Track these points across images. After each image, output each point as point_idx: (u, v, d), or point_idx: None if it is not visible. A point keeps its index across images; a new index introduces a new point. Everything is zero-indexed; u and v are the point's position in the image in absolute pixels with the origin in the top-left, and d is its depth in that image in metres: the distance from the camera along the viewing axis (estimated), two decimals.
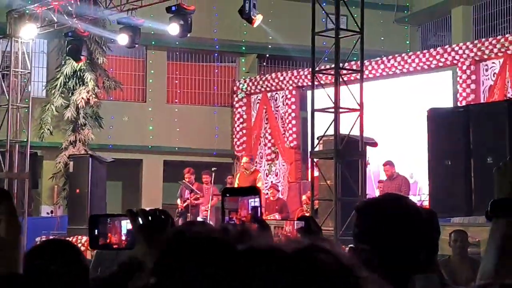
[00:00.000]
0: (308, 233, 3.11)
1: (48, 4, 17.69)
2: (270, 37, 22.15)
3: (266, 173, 20.97)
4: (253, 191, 2.45)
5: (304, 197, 16.12)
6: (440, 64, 17.37)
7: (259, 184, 15.57)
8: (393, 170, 15.39)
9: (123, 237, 2.56)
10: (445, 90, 17.21)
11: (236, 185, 15.53)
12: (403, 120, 17.74)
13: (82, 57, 17.91)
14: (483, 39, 17.11)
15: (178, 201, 16.60)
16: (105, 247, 2.62)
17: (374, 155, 15.92)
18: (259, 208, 2.39)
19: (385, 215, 2.50)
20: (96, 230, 2.59)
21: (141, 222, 2.42)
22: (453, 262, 9.43)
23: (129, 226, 2.49)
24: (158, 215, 2.44)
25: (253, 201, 2.38)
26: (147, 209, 2.49)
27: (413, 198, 8.18)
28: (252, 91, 21.77)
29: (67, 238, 15.44)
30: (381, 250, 2.41)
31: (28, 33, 18.04)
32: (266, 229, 2.47)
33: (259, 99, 21.58)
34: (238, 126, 21.95)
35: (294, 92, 20.50)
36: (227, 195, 2.45)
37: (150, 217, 2.42)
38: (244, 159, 16.75)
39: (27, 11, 18.17)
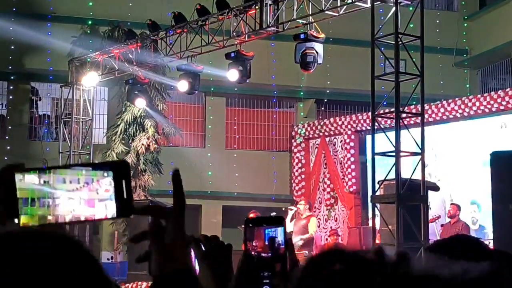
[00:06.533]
0: None
1: (109, 52, 17.99)
2: (328, 82, 22.19)
3: (326, 218, 20.82)
4: (277, 221, 2.27)
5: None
6: (501, 108, 17.12)
7: (311, 229, 15.26)
8: (457, 212, 15.11)
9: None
10: (507, 133, 16.93)
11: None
12: (465, 164, 17.49)
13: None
14: None
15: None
16: None
17: (435, 199, 15.68)
18: (277, 239, 2.22)
19: (456, 256, 2.47)
20: None
21: (203, 248, 2.35)
22: None
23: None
24: (220, 241, 2.39)
25: (271, 231, 2.23)
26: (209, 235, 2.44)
27: None
28: (311, 136, 21.72)
29: (127, 285, 15.49)
30: None
31: (90, 80, 18.33)
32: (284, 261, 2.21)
33: (317, 144, 21.51)
34: (296, 171, 21.88)
35: (353, 137, 20.39)
36: (250, 225, 2.30)
37: (212, 243, 2.37)
38: (300, 204, 16.22)
39: (88, 59, 18.50)
